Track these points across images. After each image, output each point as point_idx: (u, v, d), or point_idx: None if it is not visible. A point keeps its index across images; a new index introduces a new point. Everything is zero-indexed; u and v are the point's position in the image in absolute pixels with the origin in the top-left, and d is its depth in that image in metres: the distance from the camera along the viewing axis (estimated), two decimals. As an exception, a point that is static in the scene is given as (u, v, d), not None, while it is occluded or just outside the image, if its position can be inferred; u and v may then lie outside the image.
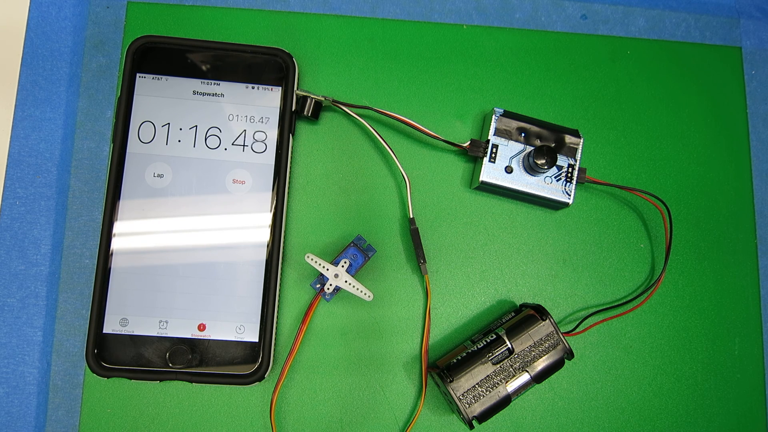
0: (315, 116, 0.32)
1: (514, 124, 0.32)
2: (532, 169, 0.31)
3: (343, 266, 0.30)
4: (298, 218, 0.33)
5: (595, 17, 0.36)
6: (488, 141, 0.32)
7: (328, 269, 0.30)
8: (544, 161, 0.31)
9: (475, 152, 0.32)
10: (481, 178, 0.32)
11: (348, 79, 0.34)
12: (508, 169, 0.32)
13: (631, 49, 0.36)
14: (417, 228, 0.32)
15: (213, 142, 0.31)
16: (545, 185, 0.32)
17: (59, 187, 0.32)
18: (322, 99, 0.32)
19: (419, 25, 0.35)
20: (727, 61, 0.36)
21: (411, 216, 0.32)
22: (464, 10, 0.36)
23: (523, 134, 0.32)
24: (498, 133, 0.32)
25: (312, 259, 0.29)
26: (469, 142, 0.32)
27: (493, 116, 0.32)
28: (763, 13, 0.38)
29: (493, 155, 0.32)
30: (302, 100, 0.32)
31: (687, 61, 0.36)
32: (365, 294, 0.29)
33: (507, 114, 0.32)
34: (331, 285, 0.30)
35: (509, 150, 0.32)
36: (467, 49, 0.35)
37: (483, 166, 0.32)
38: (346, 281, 0.30)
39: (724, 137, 0.35)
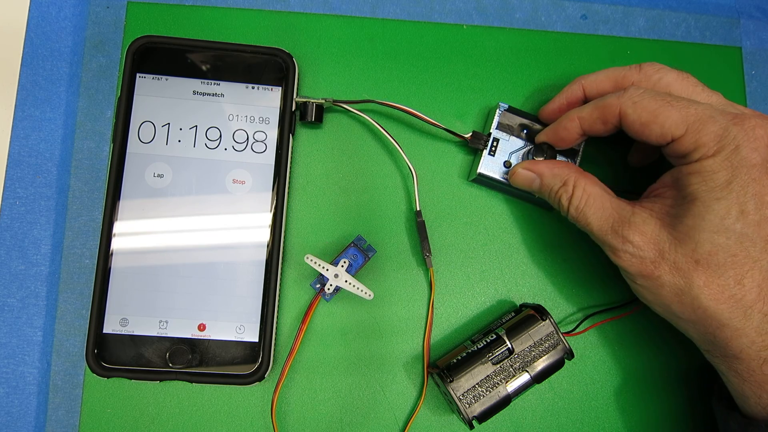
0: (319, 120, 0.32)
1: (517, 120, 0.32)
2: None
3: (342, 266, 0.30)
4: (298, 218, 0.33)
5: (595, 17, 0.36)
6: (490, 134, 0.32)
7: (327, 269, 0.30)
8: (543, 159, 0.31)
9: (476, 144, 0.32)
10: (478, 170, 0.32)
11: (348, 79, 0.34)
12: (507, 164, 0.32)
13: (631, 49, 0.36)
14: (423, 221, 0.32)
15: (213, 142, 0.31)
16: None
17: (59, 187, 0.32)
18: (323, 101, 0.32)
19: (419, 25, 0.35)
20: (727, 61, 0.36)
21: (418, 208, 0.32)
22: (464, 10, 0.36)
23: (525, 131, 0.32)
24: (500, 127, 0.32)
25: (311, 260, 0.29)
26: (471, 134, 0.32)
27: (498, 110, 0.32)
28: (763, 13, 0.38)
29: (494, 148, 0.32)
30: (303, 106, 0.32)
31: (687, 61, 0.36)
32: (365, 293, 0.29)
33: (511, 110, 0.32)
34: (331, 285, 0.30)
35: (510, 145, 0.32)
36: (467, 49, 0.35)
37: (482, 158, 0.32)
38: (346, 281, 0.30)
39: (724, 137, 0.35)
